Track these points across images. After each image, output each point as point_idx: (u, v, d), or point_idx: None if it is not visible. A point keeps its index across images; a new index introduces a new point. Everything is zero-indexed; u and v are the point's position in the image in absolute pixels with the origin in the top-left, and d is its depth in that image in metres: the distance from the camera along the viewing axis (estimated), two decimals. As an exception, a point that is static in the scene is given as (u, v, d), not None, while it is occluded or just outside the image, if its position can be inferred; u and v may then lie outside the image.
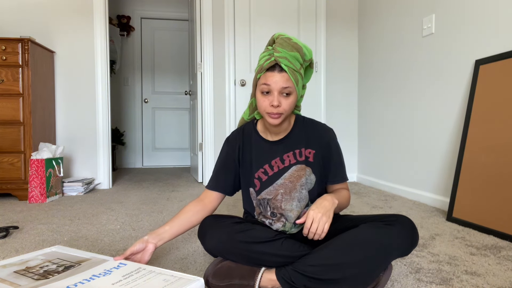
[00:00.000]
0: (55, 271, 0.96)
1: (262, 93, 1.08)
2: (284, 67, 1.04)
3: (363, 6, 3.25)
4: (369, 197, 2.57)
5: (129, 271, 0.94)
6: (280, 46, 1.07)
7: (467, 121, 1.93)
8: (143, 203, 2.39)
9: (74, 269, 0.97)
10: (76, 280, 0.89)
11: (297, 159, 1.16)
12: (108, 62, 3.02)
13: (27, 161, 2.51)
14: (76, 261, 1.04)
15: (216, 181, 1.24)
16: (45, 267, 0.99)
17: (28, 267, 0.99)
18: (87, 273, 0.93)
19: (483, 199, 1.73)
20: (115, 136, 4.50)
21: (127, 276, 0.91)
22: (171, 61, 4.87)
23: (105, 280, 0.89)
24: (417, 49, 2.48)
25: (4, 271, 0.97)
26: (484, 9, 1.93)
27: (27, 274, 0.95)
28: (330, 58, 3.32)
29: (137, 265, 0.99)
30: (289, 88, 1.06)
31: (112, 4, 4.64)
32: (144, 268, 0.96)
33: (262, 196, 1.18)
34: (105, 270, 0.95)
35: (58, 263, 1.02)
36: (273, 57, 1.06)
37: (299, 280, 0.95)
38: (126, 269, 0.96)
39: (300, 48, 1.08)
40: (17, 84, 2.48)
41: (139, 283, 0.86)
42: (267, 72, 1.07)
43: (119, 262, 1.01)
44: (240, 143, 1.23)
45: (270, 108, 1.06)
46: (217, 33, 3.16)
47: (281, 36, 1.09)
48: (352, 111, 3.40)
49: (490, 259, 1.32)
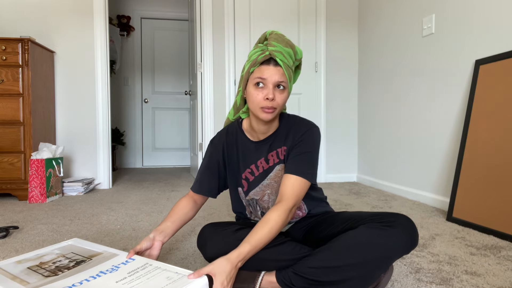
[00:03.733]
0: (66, 267, 0.95)
1: (256, 85, 1.04)
2: (279, 61, 1.03)
3: (363, 6, 3.25)
4: (369, 197, 2.57)
5: (135, 267, 0.94)
6: (275, 41, 1.05)
7: (467, 121, 1.93)
8: (143, 203, 2.39)
9: (85, 264, 0.97)
10: (82, 277, 0.88)
11: (279, 158, 1.15)
12: (108, 62, 3.02)
13: (27, 161, 2.51)
14: (88, 255, 1.04)
15: (200, 184, 1.23)
16: (57, 263, 0.99)
17: (42, 263, 0.99)
18: (95, 269, 0.93)
19: (483, 199, 1.73)
20: (115, 136, 4.50)
21: (132, 273, 0.91)
22: (171, 61, 4.87)
23: (110, 277, 0.89)
24: (417, 49, 2.48)
25: (18, 267, 0.97)
26: (484, 9, 1.93)
27: (39, 270, 0.94)
28: (330, 58, 3.32)
29: (144, 261, 0.98)
30: (284, 82, 1.04)
31: (112, 4, 4.64)
32: (150, 264, 0.96)
33: (251, 196, 1.18)
34: (113, 266, 0.95)
35: (71, 258, 1.02)
36: (267, 51, 1.04)
37: (299, 282, 0.95)
38: (133, 265, 0.95)
39: (293, 46, 1.07)
40: (17, 84, 2.48)
41: (142, 281, 0.86)
42: (261, 65, 1.04)
43: (129, 257, 1.01)
44: (224, 144, 1.21)
45: (265, 102, 1.03)
46: (217, 33, 3.16)
47: (274, 32, 1.08)
48: (352, 111, 3.40)
49: (490, 259, 1.32)
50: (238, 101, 1.19)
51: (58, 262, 1.00)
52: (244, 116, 1.21)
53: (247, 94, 1.08)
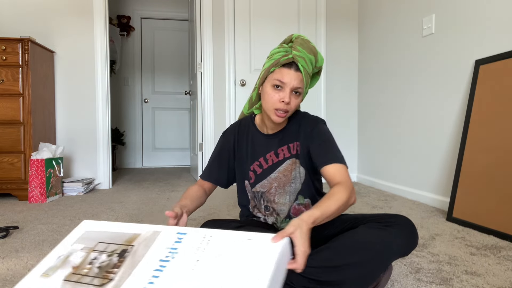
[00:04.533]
0: (112, 265, 0.76)
1: (274, 87, 1.06)
2: (301, 67, 1.04)
3: (363, 6, 3.25)
4: (369, 197, 2.57)
5: (197, 243, 0.76)
6: (300, 46, 1.06)
7: (467, 121, 1.93)
8: (143, 203, 2.39)
9: (131, 254, 0.78)
10: (146, 274, 0.70)
11: (290, 153, 1.17)
12: (108, 62, 3.02)
13: (27, 161, 2.51)
14: (123, 241, 0.83)
15: (210, 172, 1.26)
16: (96, 262, 0.78)
17: (75, 267, 0.78)
18: (151, 259, 0.75)
19: (483, 199, 1.73)
20: (115, 136, 4.50)
21: (199, 250, 0.73)
22: (171, 61, 4.87)
23: (178, 265, 0.71)
24: (417, 49, 2.48)
25: (50, 282, 0.74)
26: (484, 9, 1.93)
27: (82, 280, 0.74)
28: (330, 58, 3.32)
29: (198, 232, 0.81)
30: (301, 88, 1.06)
31: (112, 4, 4.64)
32: (210, 235, 0.78)
33: (257, 189, 1.20)
34: (169, 249, 0.77)
35: (104, 250, 0.81)
36: (291, 54, 1.05)
37: (299, 281, 0.95)
38: (191, 240, 0.77)
39: (316, 53, 1.09)
40: (17, 84, 2.48)
41: (223, 257, 0.70)
42: (282, 68, 1.06)
43: (177, 232, 0.83)
44: (236, 135, 1.25)
45: (280, 104, 1.05)
46: (217, 33, 3.16)
47: (301, 37, 1.09)
48: (352, 111, 3.40)
49: (490, 259, 1.32)
50: (254, 96, 1.22)
51: (96, 261, 0.79)
52: (257, 112, 1.24)
53: (263, 92, 1.10)
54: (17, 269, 1.23)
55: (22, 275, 1.17)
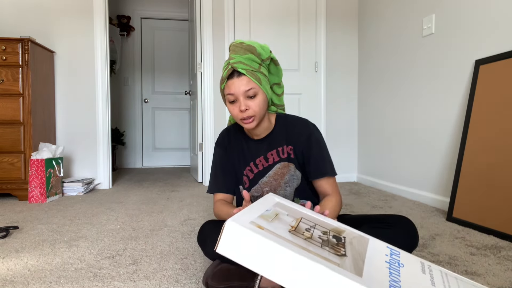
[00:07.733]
0: (334, 244, 0.67)
1: (229, 102, 1.11)
2: (241, 70, 1.06)
3: (363, 6, 3.25)
4: (369, 197, 2.57)
5: (416, 269, 0.65)
6: (233, 53, 1.10)
7: (467, 121, 1.93)
8: (143, 203, 2.39)
9: (347, 244, 0.70)
10: (381, 274, 0.61)
11: (280, 157, 1.19)
12: (108, 62, 3.02)
13: (27, 161, 2.51)
14: (332, 228, 0.76)
15: (216, 183, 1.26)
16: (314, 233, 0.69)
17: (293, 228, 0.70)
18: (377, 261, 0.65)
19: (483, 199, 1.73)
20: (115, 136, 4.50)
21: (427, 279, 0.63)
22: (171, 61, 4.87)
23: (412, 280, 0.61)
24: (417, 49, 2.48)
25: (273, 226, 0.66)
26: (484, 9, 1.93)
27: (311, 241, 0.65)
28: (330, 58, 3.32)
29: (435, 266, 0.72)
30: (253, 89, 1.08)
31: (112, 4, 4.64)
32: (445, 273, 0.71)
33: (252, 193, 1.22)
34: (388, 262, 0.66)
35: (320, 228, 0.73)
36: (230, 66, 1.09)
37: None
38: (411, 266, 0.67)
39: (253, 49, 1.10)
40: (17, 84, 2.48)
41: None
42: (227, 81, 1.10)
43: (390, 249, 0.74)
44: (226, 143, 1.28)
45: (241, 114, 1.09)
46: (217, 33, 3.16)
47: (233, 43, 1.13)
48: (352, 111, 3.40)
49: (490, 259, 1.32)
50: None
51: (311, 232, 0.70)
52: None
53: (228, 109, 1.15)
54: (17, 269, 1.23)
55: (22, 275, 1.17)
